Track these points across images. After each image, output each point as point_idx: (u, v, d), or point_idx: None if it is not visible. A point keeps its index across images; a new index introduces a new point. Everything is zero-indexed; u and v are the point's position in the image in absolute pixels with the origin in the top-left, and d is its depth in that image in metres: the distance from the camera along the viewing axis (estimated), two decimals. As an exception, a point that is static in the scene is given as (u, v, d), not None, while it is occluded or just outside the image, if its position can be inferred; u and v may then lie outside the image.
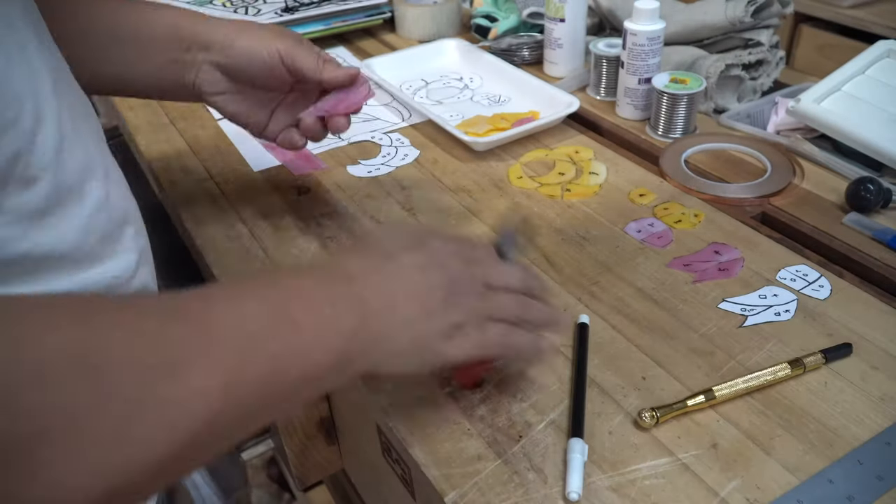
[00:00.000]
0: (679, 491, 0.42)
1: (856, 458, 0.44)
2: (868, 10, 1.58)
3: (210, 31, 0.58)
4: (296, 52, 0.57)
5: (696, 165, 0.74)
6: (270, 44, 0.57)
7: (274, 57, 0.57)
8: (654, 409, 0.46)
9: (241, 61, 0.58)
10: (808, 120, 0.74)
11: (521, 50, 0.96)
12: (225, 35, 0.58)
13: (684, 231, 0.64)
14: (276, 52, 0.57)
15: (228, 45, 0.57)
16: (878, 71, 0.76)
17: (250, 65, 0.58)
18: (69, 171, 0.41)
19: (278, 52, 0.57)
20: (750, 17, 0.83)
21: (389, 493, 0.58)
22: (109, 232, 0.45)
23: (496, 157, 0.76)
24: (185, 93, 0.60)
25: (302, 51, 0.58)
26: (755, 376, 0.48)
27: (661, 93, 0.76)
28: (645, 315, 0.55)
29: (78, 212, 0.42)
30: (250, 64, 0.58)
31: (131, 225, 0.48)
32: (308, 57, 0.58)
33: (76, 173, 0.42)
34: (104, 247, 0.44)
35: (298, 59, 0.57)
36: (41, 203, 0.39)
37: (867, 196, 0.64)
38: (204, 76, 0.59)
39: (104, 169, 0.45)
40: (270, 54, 0.57)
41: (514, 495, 0.42)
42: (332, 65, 0.59)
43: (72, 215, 0.41)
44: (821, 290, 0.56)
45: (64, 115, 0.41)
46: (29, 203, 0.39)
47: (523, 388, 0.49)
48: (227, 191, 0.72)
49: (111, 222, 0.45)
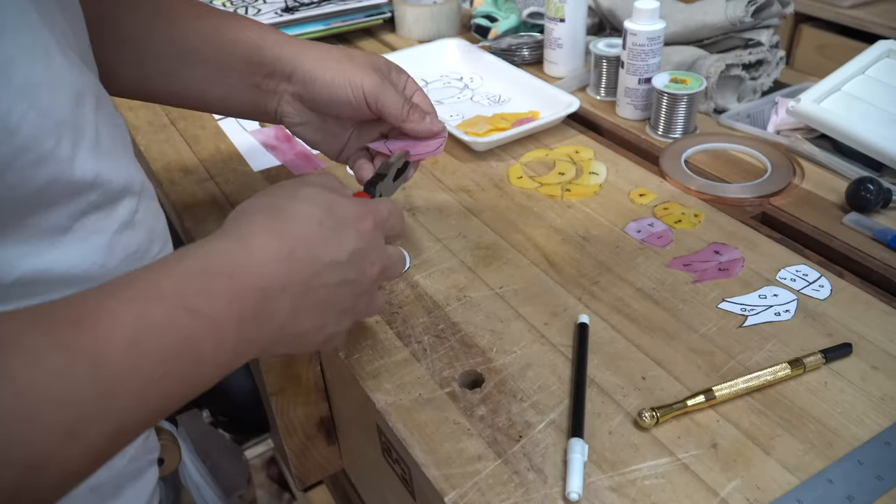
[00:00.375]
0: (679, 491, 0.42)
1: (856, 458, 0.44)
2: (868, 10, 1.58)
3: (293, 60, 0.55)
4: (381, 94, 0.54)
5: (696, 165, 0.74)
6: (355, 79, 0.54)
7: (358, 96, 0.54)
8: (654, 409, 0.46)
9: (323, 97, 0.55)
10: (808, 120, 0.74)
11: (521, 50, 0.96)
12: (308, 66, 0.55)
13: (684, 231, 0.64)
14: (361, 90, 0.54)
15: (311, 79, 0.54)
16: (878, 71, 0.76)
17: (332, 101, 0.55)
18: (102, 190, 0.40)
19: (363, 91, 0.54)
20: (750, 17, 0.83)
21: (389, 493, 0.58)
22: (134, 251, 0.44)
23: (496, 157, 0.76)
24: (266, 118, 0.59)
25: (389, 94, 0.54)
26: (755, 376, 0.48)
27: (661, 93, 0.76)
28: (645, 315, 0.55)
29: (104, 229, 0.41)
30: (332, 101, 0.55)
31: (158, 242, 0.47)
32: (394, 103, 0.55)
33: (110, 192, 0.41)
34: (129, 266, 0.43)
35: (382, 102, 0.54)
36: (64, 222, 0.39)
37: (867, 196, 0.64)
38: (286, 107, 0.57)
39: (140, 184, 0.45)
40: (355, 93, 0.54)
41: (514, 495, 0.42)
42: (418, 114, 0.55)
43: (96, 233, 0.41)
44: (821, 290, 0.56)
45: (102, 134, 0.40)
46: (50, 222, 0.38)
47: (523, 388, 0.49)
48: (227, 191, 0.72)
49: (137, 241, 0.44)
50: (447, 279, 0.59)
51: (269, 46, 0.55)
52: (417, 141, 0.57)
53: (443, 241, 0.64)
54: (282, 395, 0.61)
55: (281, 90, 0.57)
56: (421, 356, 0.52)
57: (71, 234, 0.39)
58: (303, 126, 0.58)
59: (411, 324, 0.55)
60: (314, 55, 0.55)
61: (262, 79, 0.56)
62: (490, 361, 0.51)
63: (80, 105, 0.39)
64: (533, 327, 0.54)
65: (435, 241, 0.63)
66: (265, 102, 0.57)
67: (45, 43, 0.36)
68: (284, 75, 0.56)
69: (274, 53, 0.55)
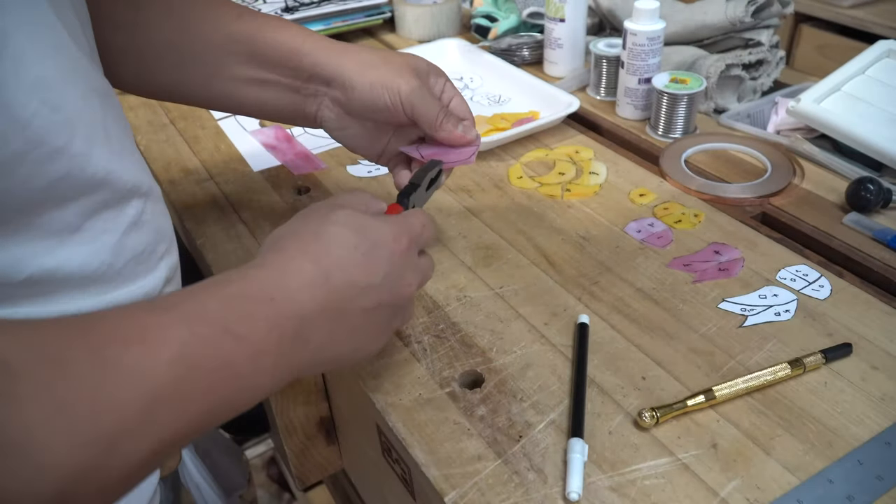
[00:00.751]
0: (679, 491, 0.42)
1: (856, 458, 0.44)
2: (868, 10, 1.58)
3: (332, 65, 0.54)
4: (417, 101, 0.54)
5: (696, 165, 0.74)
6: (393, 84, 0.53)
7: (395, 101, 0.54)
8: (654, 409, 0.46)
9: (363, 102, 0.55)
10: (808, 120, 0.74)
11: (521, 50, 0.96)
12: (348, 71, 0.54)
13: (684, 231, 0.64)
14: (398, 95, 0.53)
15: (350, 85, 0.54)
16: (878, 71, 0.76)
17: (371, 106, 0.55)
18: (112, 189, 0.41)
19: (399, 97, 0.53)
20: (750, 17, 0.83)
21: (389, 493, 0.58)
22: (141, 251, 0.44)
23: (496, 157, 0.76)
24: (306, 122, 0.58)
25: (425, 100, 0.54)
26: (755, 376, 0.48)
27: (662, 93, 0.76)
28: (645, 315, 0.55)
29: (113, 229, 0.42)
30: (371, 106, 0.55)
31: (164, 243, 0.47)
32: (429, 110, 0.54)
33: (119, 191, 0.41)
34: (136, 266, 0.44)
35: (417, 108, 0.54)
36: (74, 220, 0.39)
37: (867, 196, 0.64)
38: (327, 112, 0.57)
39: (147, 185, 0.45)
40: (392, 98, 0.54)
41: (514, 495, 0.42)
42: (451, 122, 0.55)
43: (105, 233, 0.41)
44: (821, 290, 0.56)
45: (112, 132, 0.40)
46: (61, 220, 0.38)
47: (523, 388, 0.49)
48: (227, 191, 0.72)
49: (144, 242, 0.44)
50: (447, 279, 0.59)
51: (307, 51, 0.55)
52: (450, 148, 0.56)
53: (443, 240, 0.64)
54: (282, 395, 0.61)
55: (321, 94, 0.56)
56: (421, 356, 0.52)
57: (80, 234, 0.40)
58: (342, 131, 0.58)
59: (411, 324, 0.55)
60: (353, 59, 0.55)
61: (301, 83, 0.56)
62: (490, 361, 0.51)
63: (89, 102, 0.39)
64: (533, 327, 0.54)
65: (435, 241, 0.64)
66: (304, 106, 0.57)
67: (58, 39, 0.37)
68: (324, 80, 0.55)
69: (313, 58, 0.55)
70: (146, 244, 0.45)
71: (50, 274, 0.39)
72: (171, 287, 0.48)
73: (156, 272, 0.46)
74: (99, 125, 0.39)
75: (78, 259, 0.40)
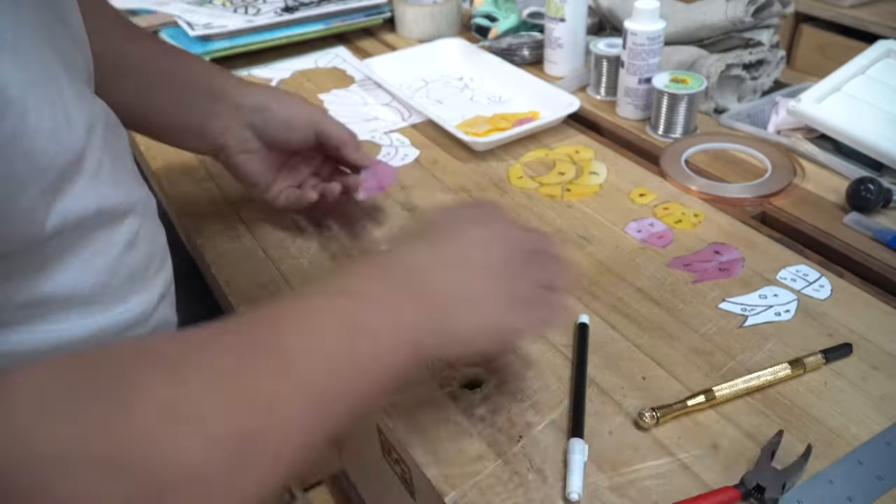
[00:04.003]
0: (679, 491, 0.42)
1: (856, 458, 0.44)
2: (868, 10, 1.58)
3: (244, 93, 0.60)
4: (327, 124, 0.61)
5: (696, 165, 0.74)
6: (305, 108, 0.61)
7: (309, 122, 0.60)
8: (655, 409, 0.46)
9: (280, 125, 0.60)
10: (808, 120, 0.74)
11: (521, 50, 0.96)
12: (260, 96, 0.60)
13: (684, 231, 0.64)
14: (311, 117, 0.60)
15: (265, 107, 0.59)
16: (878, 71, 0.76)
17: (287, 129, 0.60)
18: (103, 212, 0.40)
19: (312, 118, 0.60)
20: (750, 17, 0.83)
21: (389, 493, 0.58)
22: (136, 270, 0.44)
23: (496, 157, 0.76)
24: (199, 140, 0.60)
25: (334, 122, 0.61)
26: (755, 376, 0.48)
27: (662, 92, 0.76)
28: (645, 315, 0.55)
29: (106, 251, 0.41)
30: (288, 128, 0.60)
31: (157, 259, 0.47)
32: (340, 130, 0.61)
33: (109, 215, 0.41)
34: (131, 285, 0.43)
35: (328, 130, 0.60)
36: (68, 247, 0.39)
37: (867, 196, 0.64)
38: (235, 133, 0.60)
39: (143, 203, 0.45)
40: (308, 119, 0.60)
41: (514, 495, 0.42)
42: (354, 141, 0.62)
43: (99, 255, 0.41)
44: (821, 290, 0.56)
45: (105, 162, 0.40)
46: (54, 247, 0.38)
47: (523, 388, 0.49)
48: (228, 191, 0.72)
49: (139, 259, 0.44)
50: (447, 279, 0.59)
51: (216, 74, 0.60)
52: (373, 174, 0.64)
53: (443, 241, 0.64)
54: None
55: (229, 115, 0.59)
56: (421, 356, 0.52)
57: (75, 258, 0.39)
58: (245, 155, 0.61)
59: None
60: (262, 89, 0.61)
61: (211, 102, 0.59)
62: (490, 361, 0.51)
63: (91, 136, 0.39)
64: (533, 327, 0.54)
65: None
66: (209, 122, 0.59)
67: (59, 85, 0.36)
68: (235, 104, 0.59)
69: (224, 86, 0.59)
70: (142, 262, 0.44)
71: (45, 298, 0.38)
72: (166, 304, 0.48)
73: (150, 289, 0.45)
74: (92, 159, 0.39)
75: (72, 283, 0.39)
